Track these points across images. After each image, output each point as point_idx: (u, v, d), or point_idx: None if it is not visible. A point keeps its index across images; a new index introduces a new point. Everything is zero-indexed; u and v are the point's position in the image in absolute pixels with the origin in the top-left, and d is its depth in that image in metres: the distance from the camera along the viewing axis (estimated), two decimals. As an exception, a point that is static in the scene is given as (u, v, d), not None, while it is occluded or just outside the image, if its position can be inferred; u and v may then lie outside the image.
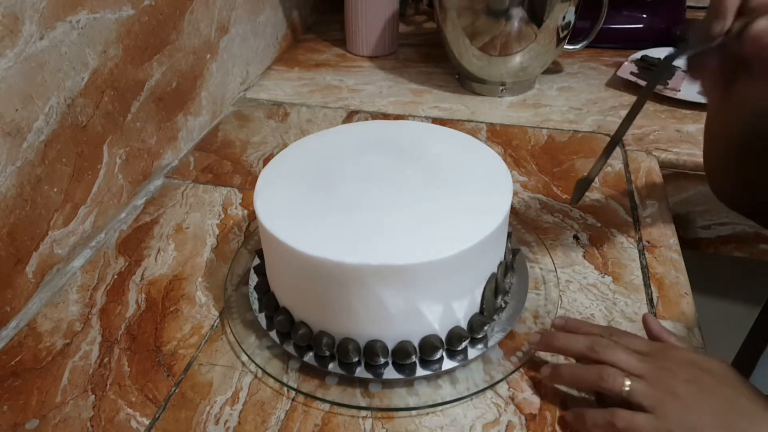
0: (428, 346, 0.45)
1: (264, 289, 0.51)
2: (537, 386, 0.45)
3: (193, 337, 0.50)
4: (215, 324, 0.52)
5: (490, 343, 0.47)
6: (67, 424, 0.44)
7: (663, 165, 0.71)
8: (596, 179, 0.67)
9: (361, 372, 0.45)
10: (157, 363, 0.48)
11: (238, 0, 0.83)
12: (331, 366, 0.46)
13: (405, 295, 0.42)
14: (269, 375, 0.46)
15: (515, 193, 0.64)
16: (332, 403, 0.44)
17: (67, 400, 0.46)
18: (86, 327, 0.51)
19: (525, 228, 0.59)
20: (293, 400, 0.45)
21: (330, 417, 0.44)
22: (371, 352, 0.44)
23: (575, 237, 0.60)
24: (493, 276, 0.47)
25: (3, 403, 0.45)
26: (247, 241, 0.59)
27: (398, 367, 0.45)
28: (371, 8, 0.95)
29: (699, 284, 0.55)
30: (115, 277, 0.57)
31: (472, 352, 0.46)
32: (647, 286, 0.54)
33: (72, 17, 0.54)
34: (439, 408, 0.44)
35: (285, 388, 0.46)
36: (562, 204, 0.64)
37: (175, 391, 0.46)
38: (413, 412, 0.44)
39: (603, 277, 0.55)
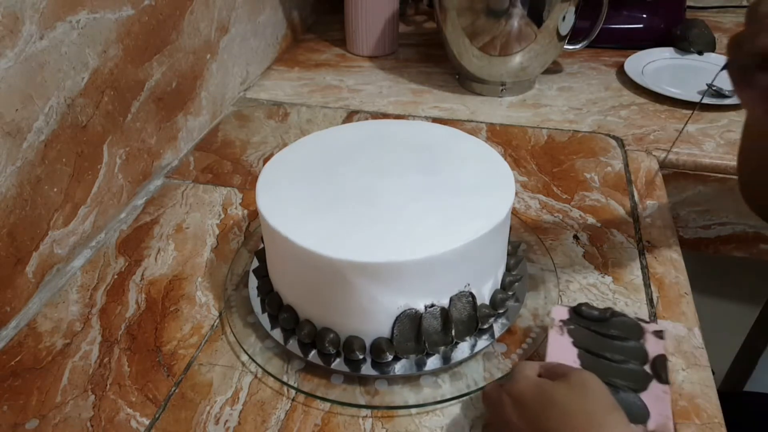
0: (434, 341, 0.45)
1: (266, 289, 0.51)
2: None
3: (193, 337, 0.50)
4: (215, 324, 0.52)
5: (486, 343, 0.47)
6: (67, 424, 0.44)
7: (663, 165, 0.71)
8: (596, 179, 0.67)
9: (367, 369, 0.45)
10: (157, 363, 0.48)
11: (238, 0, 0.83)
12: (335, 364, 0.46)
13: (407, 291, 0.42)
14: (270, 374, 0.46)
15: (515, 193, 0.64)
16: (333, 401, 0.44)
17: (67, 400, 0.46)
18: (86, 327, 0.51)
19: (525, 228, 0.59)
20: (293, 400, 0.45)
21: (330, 417, 0.44)
22: (378, 349, 0.44)
23: (575, 237, 0.60)
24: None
25: (3, 403, 0.45)
26: (247, 241, 0.59)
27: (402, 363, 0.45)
28: (371, 8, 0.95)
29: (699, 284, 0.55)
30: (115, 277, 0.57)
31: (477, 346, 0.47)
32: (647, 286, 0.54)
33: (72, 17, 0.54)
34: (440, 406, 0.44)
35: (285, 388, 0.46)
36: (562, 204, 0.64)
37: (175, 391, 0.46)
38: (413, 411, 0.44)
39: (603, 277, 0.55)
